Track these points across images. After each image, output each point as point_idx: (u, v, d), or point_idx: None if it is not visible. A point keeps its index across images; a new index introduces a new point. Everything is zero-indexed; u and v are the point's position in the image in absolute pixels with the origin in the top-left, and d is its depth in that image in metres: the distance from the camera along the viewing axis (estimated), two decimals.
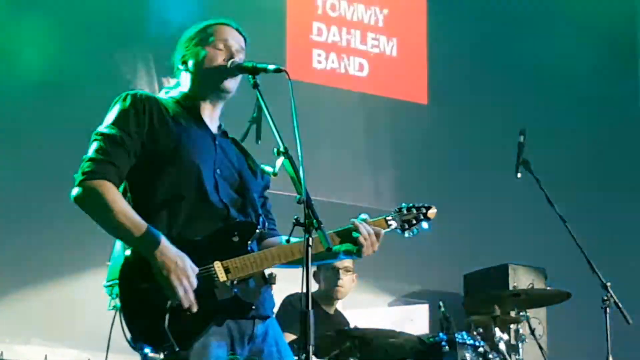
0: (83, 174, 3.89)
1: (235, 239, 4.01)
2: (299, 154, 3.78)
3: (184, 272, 3.79)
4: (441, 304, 6.60)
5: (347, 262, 7.03)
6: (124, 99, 4.06)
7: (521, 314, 6.95)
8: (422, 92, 10.19)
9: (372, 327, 6.49)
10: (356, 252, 4.18)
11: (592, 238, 7.35)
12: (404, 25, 10.29)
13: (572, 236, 6.40)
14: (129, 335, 3.77)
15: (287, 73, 3.99)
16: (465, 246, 9.48)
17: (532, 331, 7.22)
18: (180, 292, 3.78)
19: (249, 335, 3.99)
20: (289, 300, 6.74)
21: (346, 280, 7.14)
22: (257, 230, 4.05)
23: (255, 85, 4.08)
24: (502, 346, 6.60)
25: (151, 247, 3.80)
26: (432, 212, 4.47)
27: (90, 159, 3.91)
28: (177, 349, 3.75)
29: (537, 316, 8.27)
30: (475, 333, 6.62)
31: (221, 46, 4.22)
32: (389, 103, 9.95)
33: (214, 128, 4.25)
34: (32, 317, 7.68)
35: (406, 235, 4.44)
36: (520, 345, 6.85)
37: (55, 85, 8.08)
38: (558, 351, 8.56)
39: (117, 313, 3.81)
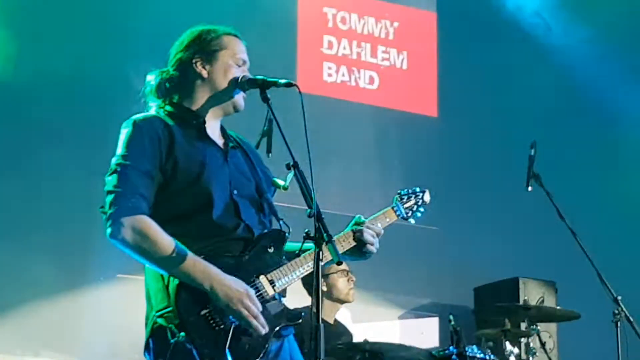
0: (118, 208, 3.75)
1: (271, 249, 3.99)
2: (310, 167, 3.77)
3: (248, 298, 3.76)
4: (451, 317, 6.57)
5: (344, 265, 6.97)
6: (134, 126, 3.94)
7: (532, 327, 6.93)
8: (432, 105, 10.18)
9: (382, 340, 6.48)
10: (363, 256, 4.27)
11: (603, 251, 7.32)
12: (415, 38, 10.29)
13: (583, 249, 6.38)
14: None
15: (297, 87, 3.96)
16: (476, 259, 9.45)
17: (543, 345, 7.22)
18: (254, 322, 3.74)
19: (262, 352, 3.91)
20: None
21: (352, 283, 7.10)
22: (287, 237, 4.05)
23: (265, 99, 4.04)
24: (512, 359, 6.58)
25: (207, 281, 3.73)
26: (427, 197, 4.64)
27: (119, 193, 3.77)
28: None
29: (548, 329, 8.26)
30: (485, 346, 6.60)
31: (236, 59, 4.17)
32: (399, 116, 9.94)
33: (219, 141, 4.18)
34: (42, 329, 7.67)
35: (411, 221, 4.56)
36: (530, 358, 6.82)
37: (68, 96, 8.07)
38: None
39: (175, 343, 3.71)
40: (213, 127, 4.18)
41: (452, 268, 9.41)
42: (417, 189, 4.63)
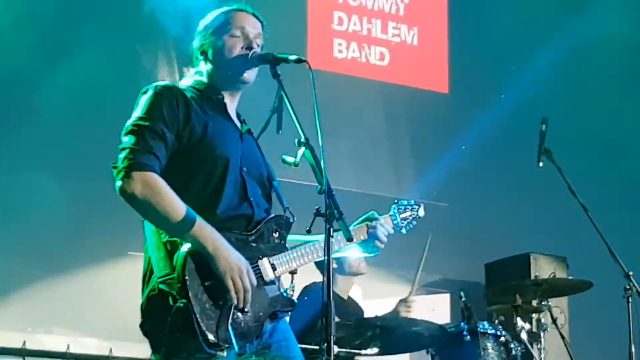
0: (131, 163, 3.75)
1: (276, 234, 4.02)
2: (320, 144, 3.77)
3: (246, 273, 3.78)
4: (462, 293, 6.58)
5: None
6: (155, 91, 3.97)
7: (543, 303, 6.93)
8: (443, 81, 10.16)
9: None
10: (369, 251, 4.46)
11: (615, 227, 7.31)
12: (425, 14, 10.26)
13: (594, 225, 6.37)
14: (201, 337, 3.68)
15: (308, 63, 3.97)
16: (487, 235, 9.46)
17: (554, 320, 7.21)
18: (240, 295, 3.76)
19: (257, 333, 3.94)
20: (311, 289, 6.67)
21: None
22: (291, 225, 4.10)
23: (276, 76, 4.05)
24: (523, 335, 6.58)
25: (211, 245, 3.75)
26: (422, 211, 4.76)
27: (133, 150, 3.78)
28: (236, 349, 3.74)
29: (559, 305, 8.26)
30: (496, 322, 6.60)
31: (238, 34, 4.18)
32: (410, 92, 9.92)
33: (237, 122, 4.23)
34: (54, 306, 7.71)
35: (404, 232, 4.68)
36: (542, 334, 6.82)
37: (79, 76, 8.06)
38: (580, 340, 8.54)
39: (176, 308, 3.72)
40: (231, 108, 4.23)
41: (463, 244, 9.42)
42: (413, 202, 4.74)
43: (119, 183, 3.74)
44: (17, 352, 7.38)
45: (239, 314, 3.79)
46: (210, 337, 3.68)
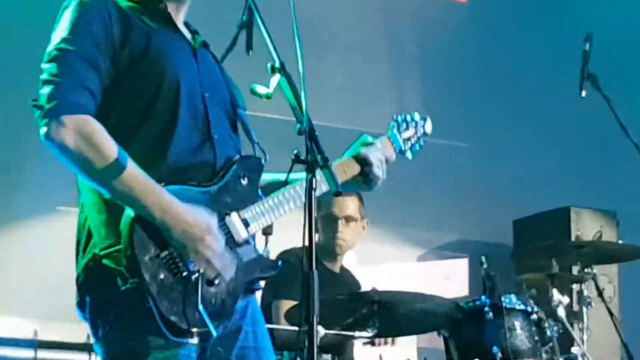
0: (59, 103, 3.65)
1: (244, 180, 3.98)
2: (301, 70, 3.76)
3: (209, 234, 3.76)
4: (483, 258, 6.61)
5: (350, 211, 7.01)
6: (80, 5, 3.84)
7: (586, 270, 6.98)
8: None
9: (395, 288, 6.51)
10: (367, 184, 4.33)
11: None
12: None
13: None
14: (162, 324, 3.64)
15: None
16: (516, 184, 9.49)
17: (600, 292, 7.26)
18: (219, 265, 3.75)
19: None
20: (285, 259, 6.62)
21: (347, 232, 7.06)
22: (263, 166, 4.06)
23: None
24: (561, 312, 6.62)
25: (158, 210, 3.67)
26: (429, 126, 4.67)
27: (60, 84, 3.68)
28: (215, 334, 3.73)
29: (607, 273, 8.31)
30: (527, 295, 6.65)
31: None
32: (418, 1, 9.89)
33: (187, 33, 4.15)
34: None
35: (408, 156, 4.60)
36: (584, 310, 6.88)
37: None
38: (633, 317, 8.61)
39: (126, 290, 3.68)
40: (177, 18, 4.15)
41: (486, 196, 9.46)
42: (417, 116, 4.66)
43: (44, 129, 3.64)
44: None
45: (209, 287, 3.77)
46: (176, 321, 3.67)
